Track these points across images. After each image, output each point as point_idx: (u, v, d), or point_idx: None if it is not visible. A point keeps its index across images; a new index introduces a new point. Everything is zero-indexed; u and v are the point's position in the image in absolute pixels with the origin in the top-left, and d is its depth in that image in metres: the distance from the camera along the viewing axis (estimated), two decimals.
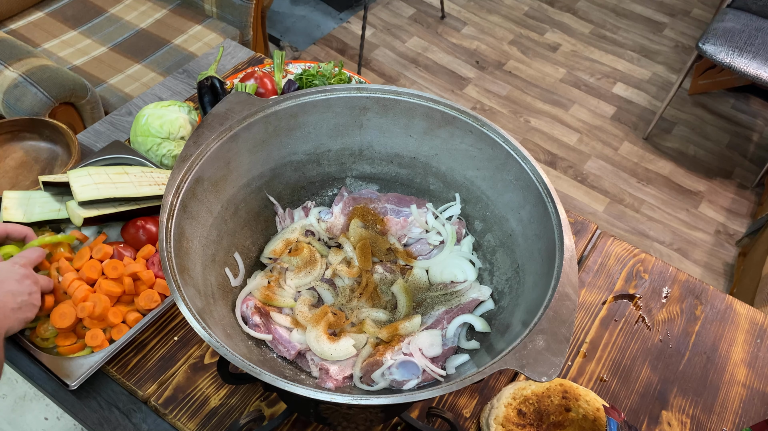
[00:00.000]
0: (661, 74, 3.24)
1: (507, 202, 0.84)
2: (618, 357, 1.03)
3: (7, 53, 1.72)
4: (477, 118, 0.83)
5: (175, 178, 0.72)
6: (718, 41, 2.48)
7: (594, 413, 0.90)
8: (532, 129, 2.89)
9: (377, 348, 0.78)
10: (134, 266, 0.94)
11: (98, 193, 0.98)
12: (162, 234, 0.67)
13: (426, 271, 0.88)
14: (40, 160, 1.20)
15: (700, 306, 1.12)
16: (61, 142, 1.22)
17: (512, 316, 0.76)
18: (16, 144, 1.22)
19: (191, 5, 2.27)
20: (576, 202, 2.63)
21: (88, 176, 1.00)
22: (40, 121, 1.22)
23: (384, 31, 3.28)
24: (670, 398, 0.99)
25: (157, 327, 0.97)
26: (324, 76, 1.33)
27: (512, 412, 0.89)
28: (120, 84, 1.95)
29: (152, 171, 1.05)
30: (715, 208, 2.67)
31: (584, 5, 3.59)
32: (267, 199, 0.88)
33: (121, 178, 1.02)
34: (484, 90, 3.05)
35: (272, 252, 0.86)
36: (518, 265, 0.81)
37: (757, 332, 1.09)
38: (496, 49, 3.27)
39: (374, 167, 0.92)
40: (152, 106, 1.18)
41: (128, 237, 1.00)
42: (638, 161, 2.81)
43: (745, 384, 1.02)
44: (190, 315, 0.62)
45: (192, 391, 0.91)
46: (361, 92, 0.85)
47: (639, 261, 1.17)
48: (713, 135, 2.97)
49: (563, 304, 0.66)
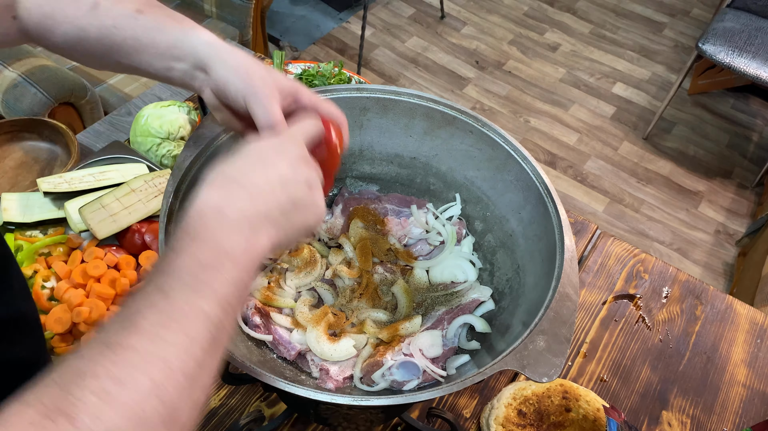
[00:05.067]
0: (660, 74, 3.24)
1: (507, 203, 0.84)
2: (618, 357, 1.03)
3: (7, 53, 1.72)
4: (477, 118, 0.83)
5: (174, 180, 0.72)
6: (717, 41, 2.48)
7: (594, 413, 0.90)
8: (531, 129, 2.89)
9: (377, 348, 0.78)
10: (128, 270, 0.94)
11: (116, 226, 0.98)
12: (161, 235, 0.67)
13: (426, 272, 0.88)
14: (40, 161, 1.20)
15: (701, 306, 1.12)
16: (60, 142, 1.22)
17: (513, 317, 0.76)
18: (16, 144, 1.22)
19: (191, 5, 2.27)
20: (576, 202, 2.63)
21: (102, 209, 0.98)
22: (39, 121, 1.22)
23: (384, 31, 3.28)
24: (671, 398, 0.99)
25: None
26: (324, 76, 1.33)
27: (512, 412, 0.89)
28: (120, 84, 1.95)
29: (153, 178, 1.05)
30: (714, 208, 2.67)
31: (584, 5, 3.59)
32: None
33: (130, 199, 1.01)
34: (483, 90, 3.05)
35: None
36: (519, 266, 0.81)
37: (757, 332, 1.09)
38: (496, 49, 3.27)
39: (374, 167, 0.92)
40: (152, 106, 1.18)
41: (123, 242, 1.00)
42: (638, 161, 2.82)
43: (745, 384, 1.02)
44: None
45: None
46: (361, 92, 0.85)
47: (639, 262, 1.17)
48: (713, 135, 2.97)
49: (564, 305, 0.66)
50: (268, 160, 0.53)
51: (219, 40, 0.65)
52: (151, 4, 0.66)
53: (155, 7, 0.66)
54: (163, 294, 0.42)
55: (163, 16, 0.65)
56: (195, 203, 0.49)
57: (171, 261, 0.45)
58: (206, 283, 0.43)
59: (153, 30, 0.65)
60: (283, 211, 0.51)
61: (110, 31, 0.65)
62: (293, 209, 0.52)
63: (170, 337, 0.40)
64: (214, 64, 0.63)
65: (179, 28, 0.65)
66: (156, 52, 0.65)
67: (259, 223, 0.49)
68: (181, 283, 0.43)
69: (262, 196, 0.50)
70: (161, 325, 0.40)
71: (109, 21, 0.64)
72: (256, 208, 0.49)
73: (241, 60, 0.63)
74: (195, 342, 0.41)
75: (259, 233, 0.49)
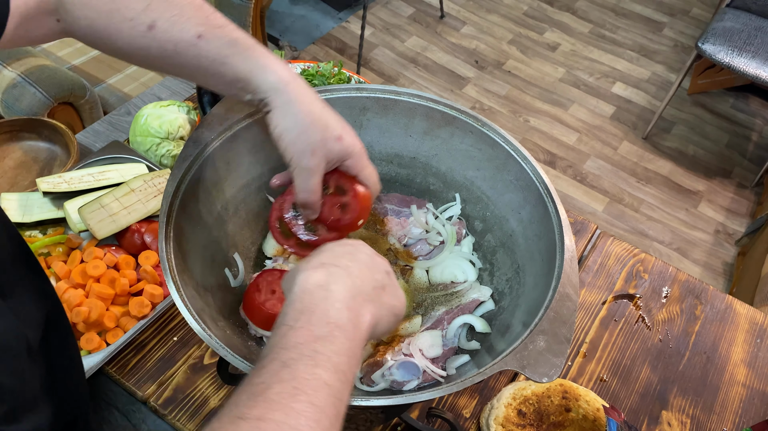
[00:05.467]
0: (660, 74, 3.24)
1: (507, 202, 0.84)
2: (618, 357, 1.03)
3: (6, 53, 1.71)
4: (477, 118, 0.83)
5: (174, 179, 0.72)
6: (717, 41, 2.48)
7: (594, 413, 0.90)
8: (531, 128, 2.89)
9: (378, 348, 0.78)
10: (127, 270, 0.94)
11: (116, 226, 0.98)
12: (161, 235, 0.67)
13: (426, 272, 0.88)
14: (39, 160, 1.20)
15: (700, 306, 1.12)
16: (60, 142, 1.22)
17: (513, 317, 0.76)
18: (15, 144, 1.22)
19: None
20: (575, 202, 2.63)
21: (101, 209, 0.98)
22: (38, 120, 1.22)
23: (383, 30, 3.27)
24: (670, 398, 0.99)
25: (157, 328, 0.96)
26: (323, 76, 1.33)
27: (512, 412, 0.89)
28: (119, 84, 1.95)
29: (153, 178, 1.05)
30: (714, 208, 2.67)
31: (583, 5, 3.59)
32: (267, 199, 0.88)
33: (130, 198, 1.01)
34: (483, 89, 3.04)
35: (276, 250, 0.86)
36: (518, 266, 0.81)
37: (757, 332, 1.09)
38: (496, 48, 3.26)
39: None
40: (151, 106, 1.18)
41: (123, 241, 0.99)
42: (637, 161, 2.81)
43: (745, 384, 1.02)
44: (189, 315, 0.62)
45: (192, 392, 0.91)
46: (361, 92, 0.85)
47: (639, 261, 1.17)
48: (712, 134, 2.97)
49: (564, 305, 0.66)
50: (352, 251, 0.57)
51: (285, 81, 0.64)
52: (211, 24, 0.64)
53: (215, 29, 0.64)
54: (286, 368, 0.44)
55: (226, 45, 0.63)
56: (298, 284, 0.52)
57: (289, 336, 0.47)
58: (323, 354, 0.46)
59: (216, 63, 0.64)
60: (375, 291, 0.55)
61: (171, 55, 0.64)
62: (381, 290, 0.56)
63: (300, 407, 0.42)
64: (275, 114, 0.65)
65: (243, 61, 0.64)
66: (222, 81, 0.66)
67: (360, 298, 0.53)
68: (301, 355, 0.46)
69: (358, 276, 0.54)
70: (290, 396, 0.42)
71: (170, 46, 0.63)
72: (355, 285, 0.53)
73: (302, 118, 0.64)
74: (322, 411, 0.43)
75: (361, 307, 0.53)
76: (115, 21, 0.63)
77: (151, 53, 0.64)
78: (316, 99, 0.66)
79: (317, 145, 0.65)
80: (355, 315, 0.51)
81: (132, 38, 0.63)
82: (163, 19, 0.62)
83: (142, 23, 0.62)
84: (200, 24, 0.63)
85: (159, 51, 0.64)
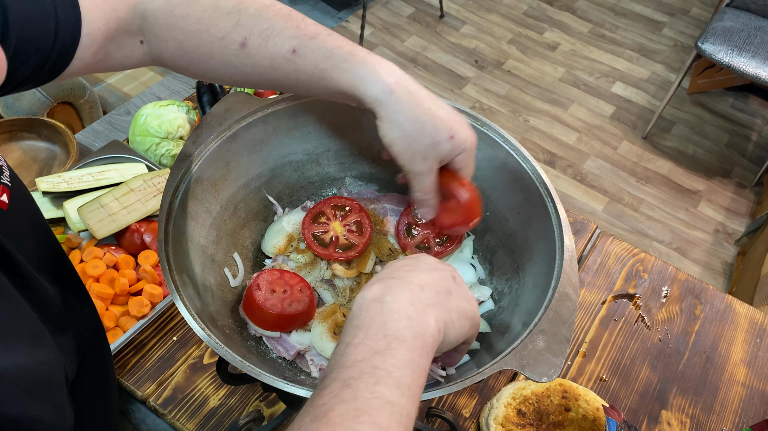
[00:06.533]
0: (660, 73, 3.24)
1: (507, 202, 0.84)
2: (618, 356, 1.03)
3: None
4: (476, 118, 0.83)
5: (173, 179, 0.72)
6: (717, 40, 2.48)
7: (594, 413, 0.90)
8: (531, 128, 2.89)
9: None
10: (127, 270, 0.94)
11: (115, 226, 0.98)
12: (161, 234, 0.67)
13: None
14: (39, 160, 1.20)
15: (700, 305, 1.12)
16: (59, 142, 1.22)
17: (512, 316, 0.76)
18: (15, 144, 1.22)
19: None
20: (575, 202, 2.63)
21: (101, 208, 0.98)
22: (38, 120, 1.22)
23: (383, 30, 3.27)
24: (670, 398, 0.99)
25: (156, 328, 0.96)
26: None
27: (512, 412, 0.89)
28: (118, 83, 1.95)
29: (152, 177, 1.05)
30: (714, 207, 2.67)
31: (583, 4, 3.59)
32: (266, 198, 0.88)
33: (129, 198, 1.01)
34: (483, 89, 3.05)
35: (276, 249, 0.86)
36: (518, 265, 0.81)
37: (757, 331, 1.09)
38: (495, 48, 3.26)
39: (374, 167, 0.92)
40: (151, 106, 1.18)
41: (122, 241, 0.99)
42: (637, 160, 2.82)
43: (744, 384, 1.02)
44: (189, 315, 0.62)
45: (191, 391, 0.91)
46: None
47: (638, 261, 1.17)
48: (712, 134, 2.97)
49: (563, 304, 0.66)
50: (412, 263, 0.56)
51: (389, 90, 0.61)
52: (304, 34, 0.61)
53: (310, 40, 0.61)
54: (347, 388, 0.43)
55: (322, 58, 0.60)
56: (356, 301, 0.52)
57: (348, 354, 0.46)
58: (383, 369, 0.45)
59: (314, 77, 0.61)
60: (440, 296, 0.53)
61: (267, 70, 0.62)
62: (447, 295, 0.54)
63: (363, 429, 0.41)
64: (382, 124, 0.63)
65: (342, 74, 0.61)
66: (324, 93, 0.64)
67: (421, 306, 0.51)
68: (361, 373, 0.44)
69: (418, 285, 0.52)
70: (352, 417, 0.41)
71: (265, 62, 0.61)
72: (414, 294, 0.51)
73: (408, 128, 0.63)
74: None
75: (423, 314, 0.50)
76: (205, 41, 0.60)
77: (245, 71, 0.62)
78: (424, 100, 0.63)
79: (428, 150, 0.64)
80: (416, 324, 0.49)
81: (225, 57, 0.61)
82: (254, 35, 0.60)
83: (234, 41, 0.60)
84: (293, 36, 0.60)
85: (253, 69, 0.61)
